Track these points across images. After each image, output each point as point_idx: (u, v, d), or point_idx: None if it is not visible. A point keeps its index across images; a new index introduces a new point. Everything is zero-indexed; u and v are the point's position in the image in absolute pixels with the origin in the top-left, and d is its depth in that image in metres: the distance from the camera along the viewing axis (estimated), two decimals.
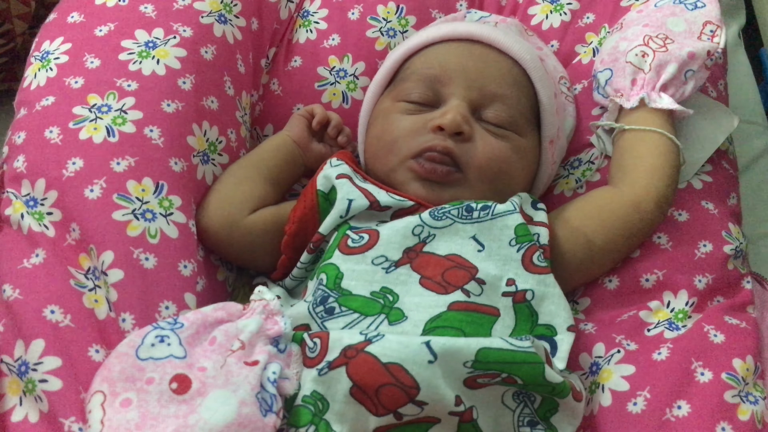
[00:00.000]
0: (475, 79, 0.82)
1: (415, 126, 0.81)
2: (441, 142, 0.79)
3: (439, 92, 0.82)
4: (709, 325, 0.74)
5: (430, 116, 0.81)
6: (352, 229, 0.77)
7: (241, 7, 0.93)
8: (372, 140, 0.85)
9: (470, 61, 0.83)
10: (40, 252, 0.74)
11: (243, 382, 0.64)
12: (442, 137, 0.79)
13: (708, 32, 0.86)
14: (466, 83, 0.82)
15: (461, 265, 0.74)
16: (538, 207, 0.80)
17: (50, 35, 0.87)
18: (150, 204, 0.77)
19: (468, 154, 0.79)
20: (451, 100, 0.81)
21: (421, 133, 0.80)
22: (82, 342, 0.69)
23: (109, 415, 0.63)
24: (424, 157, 0.79)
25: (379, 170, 0.83)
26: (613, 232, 0.79)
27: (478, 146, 0.80)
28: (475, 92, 0.81)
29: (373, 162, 0.84)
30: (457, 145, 0.79)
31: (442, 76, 0.82)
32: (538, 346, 0.68)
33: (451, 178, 0.79)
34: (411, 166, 0.80)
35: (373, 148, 0.85)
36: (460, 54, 0.84)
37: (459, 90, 0.81)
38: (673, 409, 0.69)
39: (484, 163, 0.79)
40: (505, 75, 0.84)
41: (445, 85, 0.82)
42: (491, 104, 0.82)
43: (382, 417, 0.65)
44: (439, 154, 0.79)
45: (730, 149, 0.89)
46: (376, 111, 0.87)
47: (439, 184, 0.79)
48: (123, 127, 0.80)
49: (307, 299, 0.75)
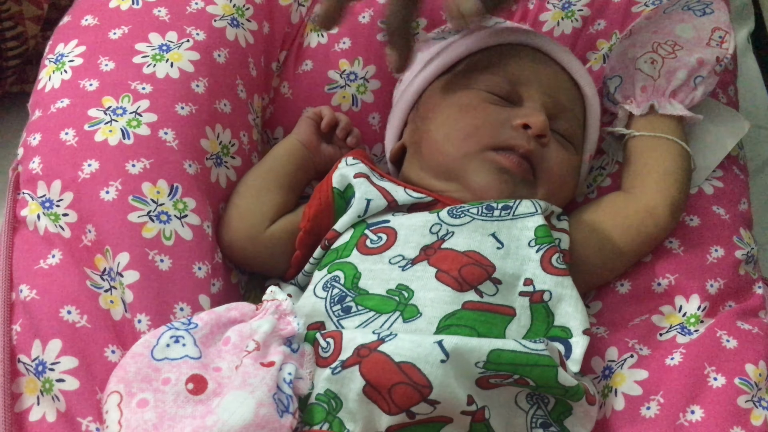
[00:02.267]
0: (549, 87, 0.82)
1: (500, 118, 0.80)
2: (524, 143, 0.78)
3: (517, 92, 0.82)
4: (722, 330, 0.74)
5: (512, 112, 0.80)
6: (370, 227, 0.77)
7: (253, 11, 0.93)
8: (440, 126, 0.82)
9: (543, 70, 0.84)
10: (56, 253, 0.74)
11: (260, 383, 0.65)
12: (526, 138, 0.78)
13: (717, 38, 0.87)
14: (541, 89, 0.82)
15: (479, 263, 0.74)
16: (562, 218, 0.80)
17: (64, 38, 0.88)
18: (165, 206, 0.78)
19: (543, 160, 0.79)
20: (530, 101, 0.81)
21: (504, 126, 0.79)
22: (99, 342, 0.70)
23: (127, 416, 0.63)
24: (508, 150, 0.78)
25: (446, 154, 0.80)
26: (627, 236, 0.79)
27: (552, 154, 0.80)
28: (549, 100, 0.82)
29: (438, 148, 0.81)
30: (537, 148, 0.79)
31: (520, 76, 0.82)
32: (552, 348, 0.69)
33: (528, 176, 0.79)
34: (491, 156, 0.78)
35: (440, 134, 0.81)
36: (533, 60, 0.84)
37: (536, 94, 0.82)
38: (687, 413, 0.69)
39: (555, 171, 0.80)
40: (570, 90, 0.85)
41: (522, 85, 0.82)
42: (561, 116, 0.82)
43: (395, 416, 0.65)
44: (518, 156, 0.78)
45: (740, 154, 0.89)
46: (442, 98, 0.84)
47: (517, 178, 0.79)
48: (138, 130, 0.80)
49: (318, 293, 0.75)
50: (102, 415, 0.66)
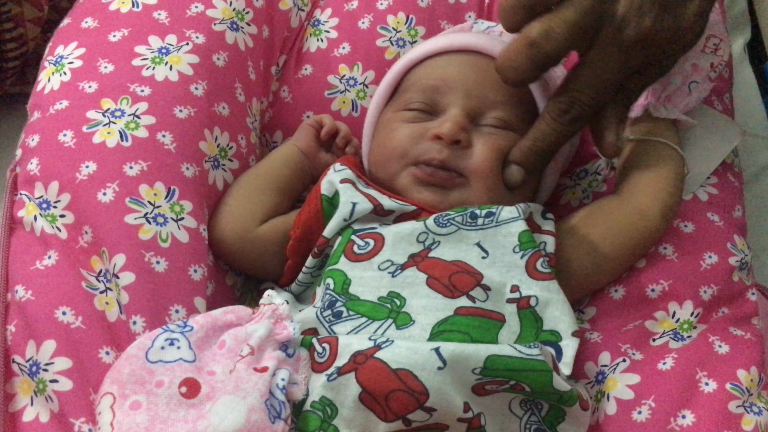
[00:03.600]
0: (474, 88, 0.83)
1: (415, 134, 0.82)
2: (437, 155, 0.80)
3: (439, 102, 0.83)
4: (714, 336, 0.74)
5: (429, 125, 0.82)
6: (357, 233, 0.78)
7: (252, 15, 0.94)
8: (375, 148, 0.87)
9: (470, 72, 0.84)
10: (52, 254, 0.74)
11: (252, 388, 0.65)
12: (440, 147, 0.80)
13: (711, 45, 0.87)
14: (464, 92, 0.83)
15: (467, 271, 0.74)
16: (547, 217, 0.80)
17: (64, 40, 0.88)
18: (162, 208, 0.78)
19: (467, 159, 0.80)
20: (450, 109, 0.82)
21: (419, 141, 0.81)
22: (93, 344, 0.70)
23: (119, 418, 0.63)
24: (423, 164, 0.80)
25: (382, 177, 0.84)
26: (619, 240, 0.79)
27: (476, 150, 0.80)
28: (474, 101, 0.83)
29: (377, 169, 0.85)
30: (453, 153, 0.80)
31: (441, 86, 0.84)
32: (546, 353, 0.69)
33: (453, 181, 0.80)
34: (412, 171, 0.81)
35: (375, 156, 0.86)
36: (460, 64, 0.85)
37: (458, 99, 0.83)
38: (678, 418, 0.69)
39: (484, 166, 0.80)
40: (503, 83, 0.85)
41: (444, 95, 0.83)
42: (490, 110, 0.83)
43: (391, 423, 0.65)
44: (433, 168, 0.80)
45: (735, 162, 0.89)
46: (380, 121, 0.88)
47: (443, 187, 0.80)
48: (136, 132, 0.80)
49: (316, 305, 0.75)
50: (95, 416, 0.66)
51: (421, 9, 1.00)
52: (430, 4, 1.01)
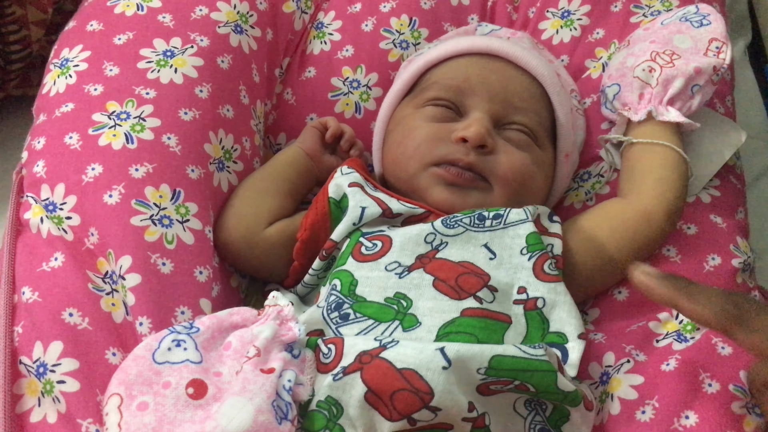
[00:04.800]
0: (498, 92, 0.84)
1: (439, 134, 0.82)
2: (464, 156, 0.80)
3: (462, 103, 0.84)
4: (717, 338, 0.74)
5: (453, 126, 0.82)
6: (365, 236, 0.78)
7: (256, 18, 0.94)
8: (392, 146, 0.86)
9: (492, 75, 0.85)
10: (58, 256, 0.75)
11: (259, 390, 0.65)
12: (465, 150, 0.80)
13: (714, 48, 0.88)
14: (488, 96, 0.83)
15: (474, 272, 0.74)
16: (554, 219, 0.81)
17: (69, 43, 0.88)
18: (167, 210, 0.78)
19: (491, 166, 0.81)
20: (474, 112, 0.83)
21: (444, 142, 0.81)
22: (100, 345, 0.70)
23: (126, 419, 0.64)
24: (448, 165, 0.80)
25: (399, 176, 0.84)
26: (624, 242, 0.80)
27: (501, 158, 0.81)
28: (497, 105, 0.83)
29: (393, 168, 0.85)
30: (479, 158, 0.80)
31: (465, 87, 0.84)
32: (551, 354, 0.69)
33: (476, 184, 0.81)
34: (435, 171, 0.81)
35: (392, 154, 0.85)
36: (482, 67, 0.86)
37: (482, 103, 0.83)
38: (681, 418, 0.70)
39: (508, 174, 0.81)
40: (526, 89, 0.85)
41: (468, 96, 0.84)
42: (513, 117, 0.83)
43: (396, 422, 0.65)
44: (459, 168, 0.80)
45: (737, 164, 0.90)
46: (397, 118, 0.88)
47: (464, 188, 0.80)
48: (141, 134, 0.81)
49: (320, 304, 0.75)
50: (102, 417, 0.66)
51: (424, 11, 1.01)
52: (433, 6, 1.02)
